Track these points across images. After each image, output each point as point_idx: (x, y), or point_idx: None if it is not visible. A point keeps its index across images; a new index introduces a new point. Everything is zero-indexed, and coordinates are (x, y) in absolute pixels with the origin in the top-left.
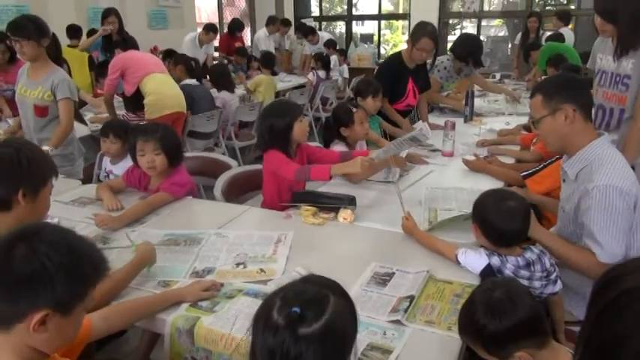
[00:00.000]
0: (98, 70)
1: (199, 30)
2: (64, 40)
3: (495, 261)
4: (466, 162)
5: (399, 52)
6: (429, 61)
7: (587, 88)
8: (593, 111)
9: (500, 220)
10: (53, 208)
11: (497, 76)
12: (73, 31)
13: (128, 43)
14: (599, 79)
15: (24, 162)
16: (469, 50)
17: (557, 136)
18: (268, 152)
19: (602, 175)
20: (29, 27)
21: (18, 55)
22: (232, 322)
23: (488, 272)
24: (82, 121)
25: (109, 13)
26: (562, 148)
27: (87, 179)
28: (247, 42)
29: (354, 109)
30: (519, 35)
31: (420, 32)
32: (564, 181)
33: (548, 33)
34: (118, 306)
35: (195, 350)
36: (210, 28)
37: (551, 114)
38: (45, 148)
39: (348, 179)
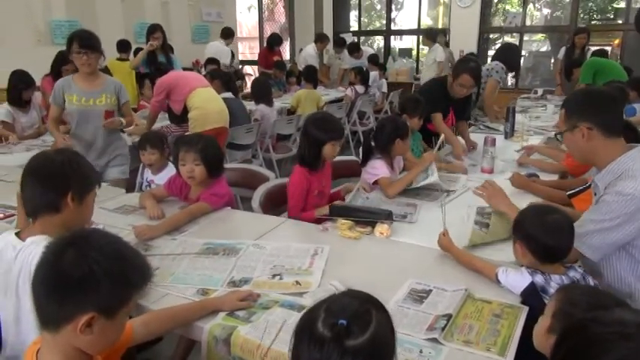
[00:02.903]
0: (140, 81)
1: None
2: (114, 54)
3: (539, 279)
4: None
5: (445, 77)
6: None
7: (611, 105)
8: None
9: (547, 235)
10: (98, 215)
11: (540, 91)
12: (123, 46)
13: (162, 68)
14: None
15: (74, 167)
16: (505, 53)
17: (577, 150)
18: (294, 171)
19: (626, 185)
20: (97, 40)
21: (80, 67)
22: (269, 332)
23: (530, 292)
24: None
25: (154, 29)
26: (586, 161)
27: (130, 188)
28: (286, 56)
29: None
30: (563, 50)
31: (461, 68)
32: (595, 194)
33: (594, 49)
34: (157, 313)
35: (231, 359)
36: (227, 33)
37: (570, 130)
38: (121, 119)
39: (383, 194)
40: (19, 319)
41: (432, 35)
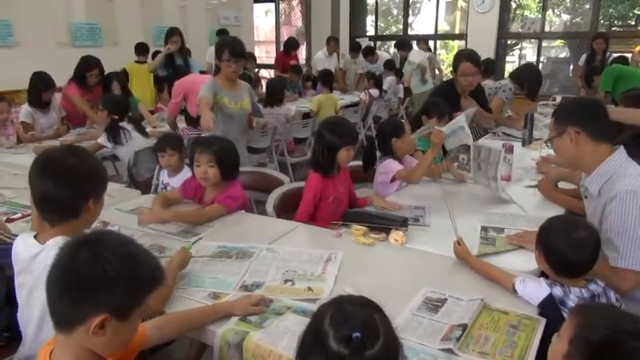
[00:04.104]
0: (158, 84)
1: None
2: (132, 56)
3: (558, 291)
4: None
5: (452, 80)
6: (492, 85)
7: (599, 111)
8: None
9: (569, 250)
10: (114, 216)
11: (558, 98)
12: (141, 49)
13: (180, 71)
14: None
15: (91, 171)
16: (525, 75)
17: (564, 155)
18: (310, 176)
19: (623, 183)
20: (244, 49)
21: (229, 74)
22: (281, 339)
23: (548, 303)
24: (145, 134)
25: (172, 33)
26: (572, 166)
27: (146, 190)
28: (302, 60)
29: (403, 121)
30: (583, 56)
31: (458, 58)
32: (586, 197)
33: (615, 55)
34: (170, 316)
35: None
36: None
37: (558, 135)
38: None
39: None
40: (43, 318)
41: (404, 45)
